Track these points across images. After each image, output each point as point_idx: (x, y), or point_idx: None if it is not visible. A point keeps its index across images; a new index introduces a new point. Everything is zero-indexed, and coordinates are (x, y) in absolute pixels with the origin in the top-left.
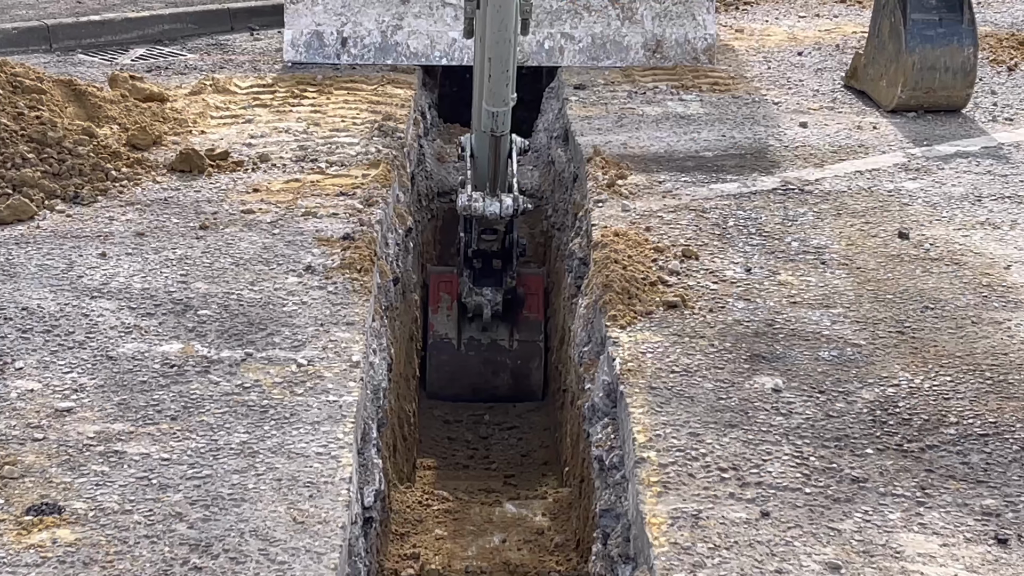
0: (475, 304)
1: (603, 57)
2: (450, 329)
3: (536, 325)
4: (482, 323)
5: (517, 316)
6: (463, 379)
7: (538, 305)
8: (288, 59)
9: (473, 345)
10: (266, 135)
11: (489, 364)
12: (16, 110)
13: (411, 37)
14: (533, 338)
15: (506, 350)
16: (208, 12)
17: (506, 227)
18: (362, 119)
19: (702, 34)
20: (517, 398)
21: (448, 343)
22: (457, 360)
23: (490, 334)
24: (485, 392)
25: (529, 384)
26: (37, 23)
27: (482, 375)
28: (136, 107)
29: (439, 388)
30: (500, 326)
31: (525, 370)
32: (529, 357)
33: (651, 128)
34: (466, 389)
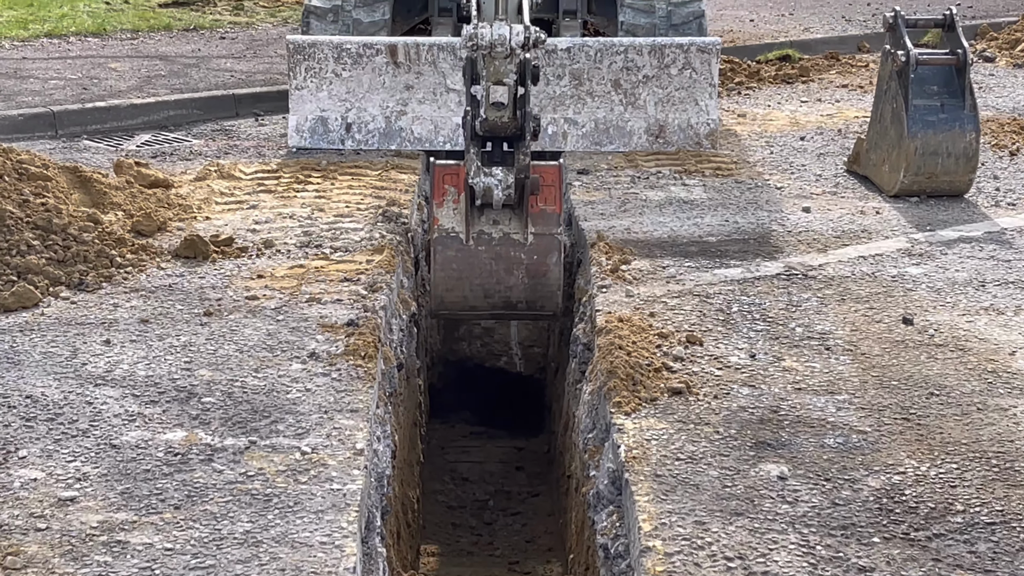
0: (484, 187)
1: (606, 142)
2: (457, 223)
3: (554, 217)
4: (492, 214)
5: (532, 208)
6: (472, 278)
7: (556, 197)
8: (293, 145)
9: (483, 239)
10: (271, 221)
11: (501, 260)
12: (22, 197)
13: (415, 123)
14: (550, 230)
15: (520, 244)
16: (213, 98)
17: (515, 100)
18: (366, 204)
19: (705, 119)
20: (533, 303)
21: (455, 237)
22: (465, 256)
23: (502, 227)
24: (497, 295)
25: (547, 283)
26: (43, 109)
27: (494, 273)
28: (141, 193)
29: (445, 291)
30: (513, 218)
31: (542, 267)
32: (546, 252)
33: (654, 213)
34: (476, 291)
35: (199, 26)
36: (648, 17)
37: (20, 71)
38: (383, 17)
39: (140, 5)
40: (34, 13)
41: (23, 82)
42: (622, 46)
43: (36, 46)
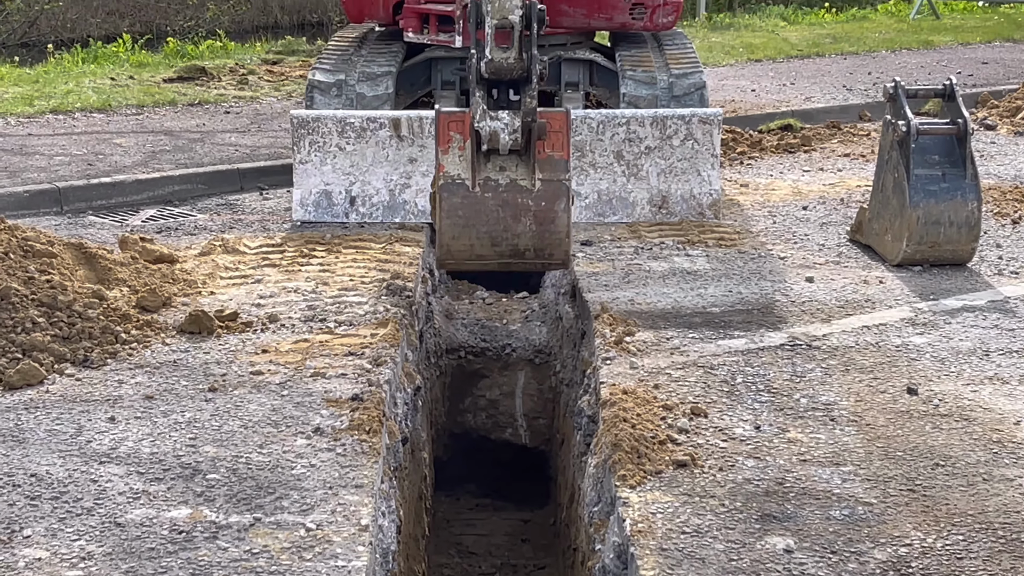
0: (490, 131)
1: (609, 213)
2: (463, 169)
3: (562, 163)
4: (499, 161)
5: (539, 154)
6: (479, 225)
7: (563, 143)
8: (297, 218)
9: (490, 186)
10: (275, 295)
11: (508, 207)
12: (27, 274)
13: (419, 195)
14: (558, 176)
15: (528, 190)
16: (218, 172)
17: (521, 42)
18: (371, 278)
19: (707, 190)
20: (541, 251)
21: (461, 184)
22: (472, 203)
23: (509, 173)
24: (504, 243)
25: (555, 230)
26: (49, 185)
27: (500, 220)
28: (146, 269)
29: (451, 239)
30: (520, 164)
31: (550, 213)
32: (554, 198)
33: (658, 284)
34: (483, 239)
35: (204, 101)
36: (650, 88)
37: (25, 147)
38: (386, 91)
39: (145, 80)
40: (40, 89)
41: (29, 158)
42: (624, 117)
43: (41, 122)
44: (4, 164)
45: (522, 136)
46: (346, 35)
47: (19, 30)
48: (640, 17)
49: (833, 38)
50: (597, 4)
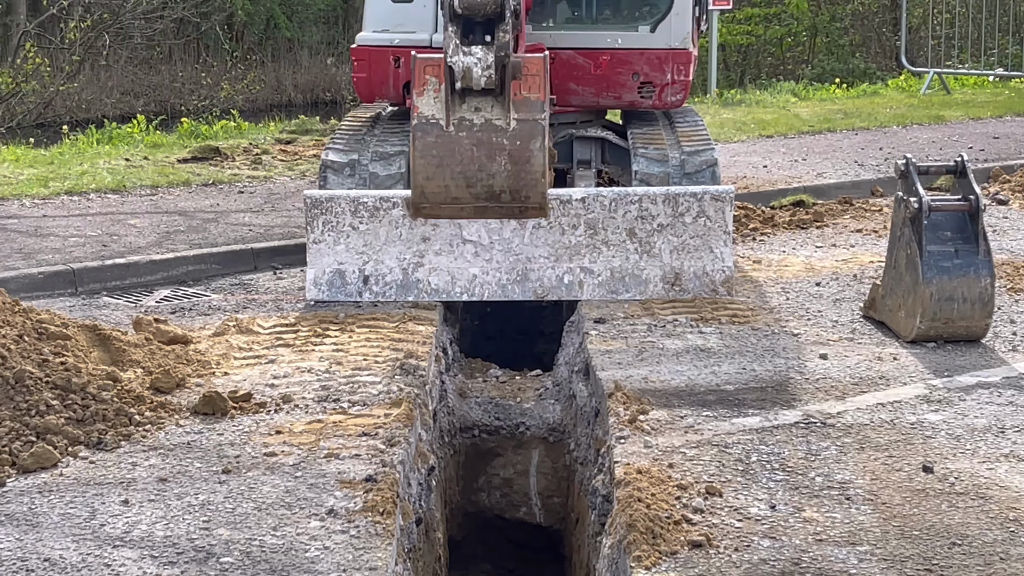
0: (463, 67)
1: (622, 290)
2: (437, 110)
3: (538, 104)
4: (475, 102)
5: (515, 96)
6: (453, 165)
7: (540, 85)
8: (311, 298)
9: (464, 126)
10: (289, 375)
11: (483, 146)
12: (41, 357)
13: (432, 274)
14: (533, 116)
15: (503, 130)
16: (232, 252)
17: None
18: (384, 357)
19: (720, 266)
20: (517, 192)
21: (435, 124)
22: (446, 142)
23: (484, 114)
24: (479, 184)
25: (530, 170)
26: (63, 267)
27: (475, 160)
28: (160, 350)
29: (425, 179)
30: (496, 105)
31: (525, 152)
32: (529, 137)
33: (672, 362)
34: (457, 179)
35: (218, 181)
36: (662, 166)
37: (40, 229)
38: (399, 170)
39: (160, 161)
40: (55, 171)
41: (43, 240)
42: (636, 195)
43: (56, 203)
44: (19, 246)
45: (496, 74)
46: (359, 115)
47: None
48: (649, 96)
49: (844, 113)
50: (605, 83)
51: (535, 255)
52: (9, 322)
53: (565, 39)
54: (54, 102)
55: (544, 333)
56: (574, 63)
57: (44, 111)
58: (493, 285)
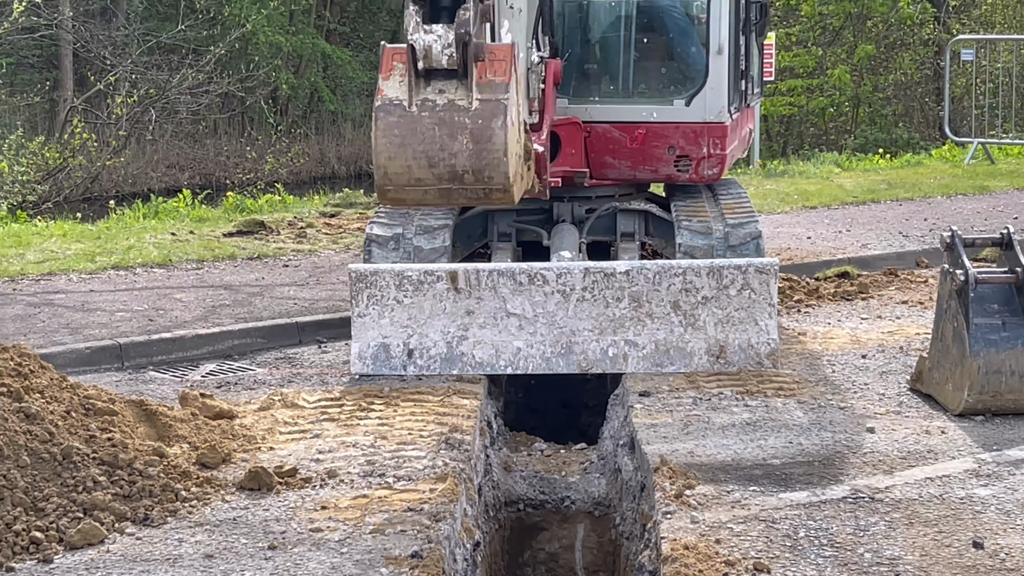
0: (424, 45)
1: (667, 363)
2: (402, 92)
3: (502, 86)
4: (439, 84)
5: (481, 79)
6: (415, 144)
7: (506, 70)
8: (355, 372)
9: (427, 106)
10: (334, 450)
11: (444, 126)
12: (88, 433)
13: (476, 347)
14: (496, 96)
15: (465, 109)
16: (277, 326)
17: None
18: (429, 431)
19: (765, 339)
20: (480, 173)
21: (398, 104)
22: (408, 122)
23: (448, 95)
24: (442, 163)
25: (492, 149)
26: (110, 342)
27: (437, 139)
28: (206, 425)
29: (387, 159)
30: (460, 87)
31: (487, 131)
32: (491, 116)
33: (718, 436)
34: (419, 159)
35: (263, 255)
36: (706, 238)
37: (87, 304)
38: (443, 244)
39: (205, 235)
40: (101, 245)
41: (90, 315)
42: (680, 268)
43: (103, 278)
44: (66, 320)
45: (458, 53)
46: None
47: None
48: (685, 169)
49: (888, 184)
50: (641, 156)
51: (579, 328)
52: (57, 398)
53: (601, 112)
54: (100, 176)
55: (588, 406)
56: (610, 137)
57: (91, 185)
58: (537, 358)
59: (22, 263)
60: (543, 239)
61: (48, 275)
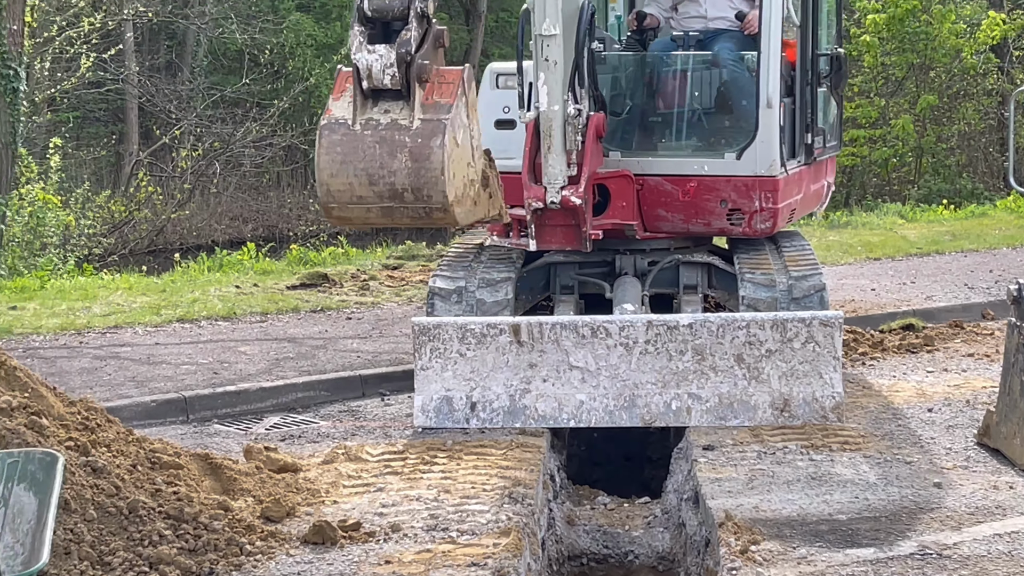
0: (367, 64)
1: (731, 417)
2: (348, 112)
3: (445, 107)
4: (385, 104)
5: (426, 100)
6: (356, 162)
7: (453, 92)
8: (418, 425)
9: (371, 125)
10: (397, 504)
11: (385, 144)
12: (154, 487)
13: (539, 400)
14: (438, 116)
15: (405, 128)
16: (340, 379)
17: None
18: (492, 485)
19: (830, 392)
20: (419, 191)
21: (343, 123)
22: (350, 140)
23: (392, 115)
24: (382, 181)
25: (430, 167)
26: (175, 395)
27: (377, 157)
28: (270, 478)
29: (330, 176)
30: (404, 107)
31: (425, 149)
32: (431, 135)
33: (783, 490)
34: (360, 176)
35: (326, 307)
36: (769, 291)
37: (153, 357)
38: (506, 297)
39: (269, 288)
40: (167, 298)
41: (156, 368)
42: (744, 321)
43: (168, 331)
44: (132, 373)
45: (400, 73)
46: (465, 241)
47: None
48: (738, 223)
49: (952, 235)
50: (694, 210)
51: (642, 381)
52: (123, 452)
53: (653, 165)
54: (165, 229)
55: (651, 459)
56: (662, 190)
57: (156, 238)
58: (600, 411)
59: (89, 316)
60: (606, 292)
61: (114, 328)
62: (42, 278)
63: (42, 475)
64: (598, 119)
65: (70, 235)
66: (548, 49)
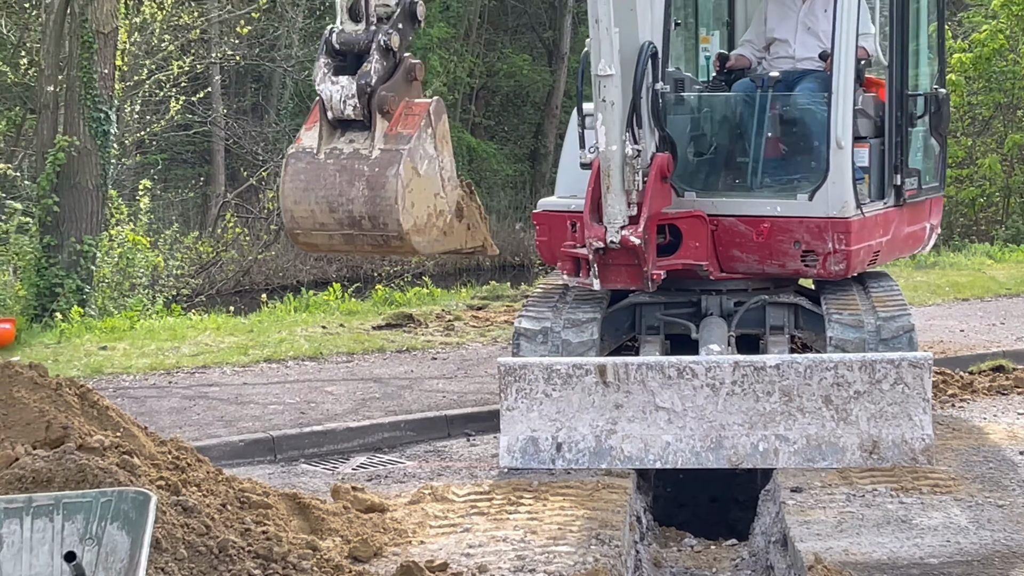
0: (328, 95)
1: (819, 458)
2: (315, 142)
3: (405, 137)
4: (351, 135)
5: (390, 131)
6: (317, 189)
7: (416, 124)
8: (504, 465)
9: (334, 154)
10: (484, 544)
11: (345, 172)
12: (243, 526)
13: (625, 441)
14: (398, 146)
15: (365, 157)
16: (426, 419)
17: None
18: (578, 526)
19: (919, 434)
20: (375, 219)
21: (308, 152)
22: (313, 168)
23: (356, 145)
24: (341, 209)
25: (384, 196)
26: (263, 435)
27: (337, 185)
28: (358, 518)
29: (293, 203)
30: (368, 137)
31: (381, 178)
32: (387, 164)
33: (872, 533)
34: (321, 203)
35: (411, 347)
36: (857, 332)
37: (241, 396)
38: (592, 337)
39: (355, 328)
40: (254, 339)
41: (243, 407)
42: (832, 362)
43: (256, 371)
44: (220, 413)
45: (361, 103)
46: (550, 282)
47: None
48: (812, 264)
49: None
50: (768, 251)
51: (729, 422)
52: (213, 491)
53: (727, 206)
54: (251, 270)
55: (738, 501)
56: (736, 230)
57: (242, 279)
58: (687, 453)
59: (177, 356)
60: (691, 332)
61: (203, 368)
62: (132, 318)
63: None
64: (662, 159)
65: (159, 276)
66: (605, 89)
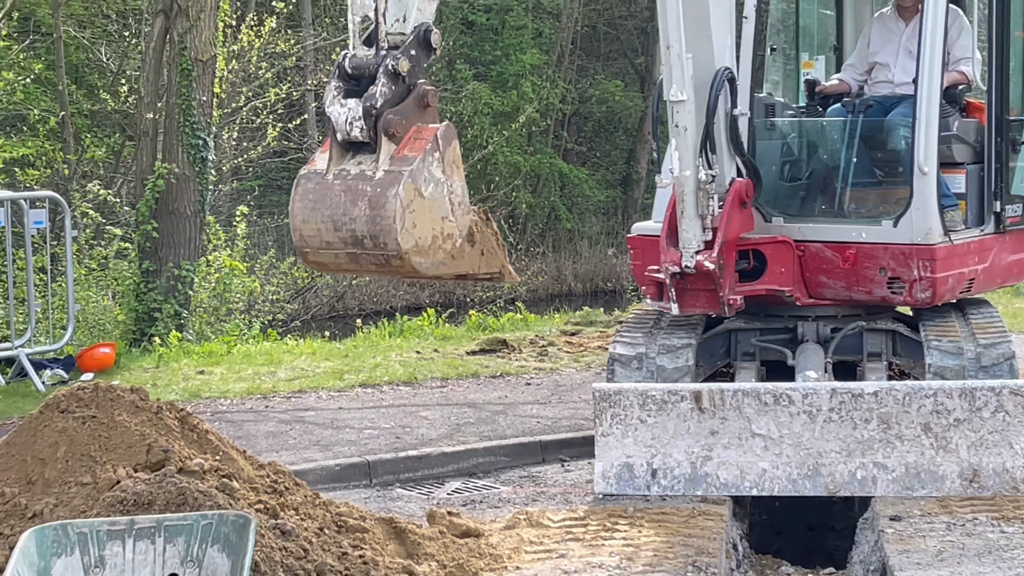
0: (335, 117)
1: (918, 487)
2: (326, 163)
3: (409, 159)
4: (360, 156)
5: (396, 153)
6: (323, 209)
7: (422, 147)
8: (599, 491)
9: (342, 175)
10: (580, 570)
11: (350, 192)
12: (340, 550)
13: (720, 468)
14: (401, 168)
15: (369, 178)
16: (520, 445)
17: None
18: (675, 553)
19: (1021, 463)
20: (376, 238)
21: (318, 173)
22: (321, 188)
23: (363, 166)
24: (344, 228)
25: (384, 215)
26: (359, 459)
27: (341, 204)
28: (453, 543)
29: (301, 222)
30: (375, 159)
31: (381, 198)
32: (389, 184)
33: (973, 563)
34: (327, 222)
35: (505, 372)
36: (956, 359)
37: (336, 421)
38: (687, 363)
39: (449, 353)
40: (349, 363)
41: (339, 432)
42: (931, 389)
43: (351, 396)
44: (316, 437)
45: (368, 125)
46: (644, 307)
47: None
48: (899, 291)
49: None
50: (854, 277)
51: (826, 449)
52: (310, 515)
53: (814, 232)
54: (346, 295)
55: (835, 528)
56: (823, 256)
57: (336, 304)
58: (783, 480)
59: (274, 380)
60: (787, 359)
61: (299, 392)
62: (229, 343)
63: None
64: (741, 185)
65: (255, 301)
66: (678, 115)
